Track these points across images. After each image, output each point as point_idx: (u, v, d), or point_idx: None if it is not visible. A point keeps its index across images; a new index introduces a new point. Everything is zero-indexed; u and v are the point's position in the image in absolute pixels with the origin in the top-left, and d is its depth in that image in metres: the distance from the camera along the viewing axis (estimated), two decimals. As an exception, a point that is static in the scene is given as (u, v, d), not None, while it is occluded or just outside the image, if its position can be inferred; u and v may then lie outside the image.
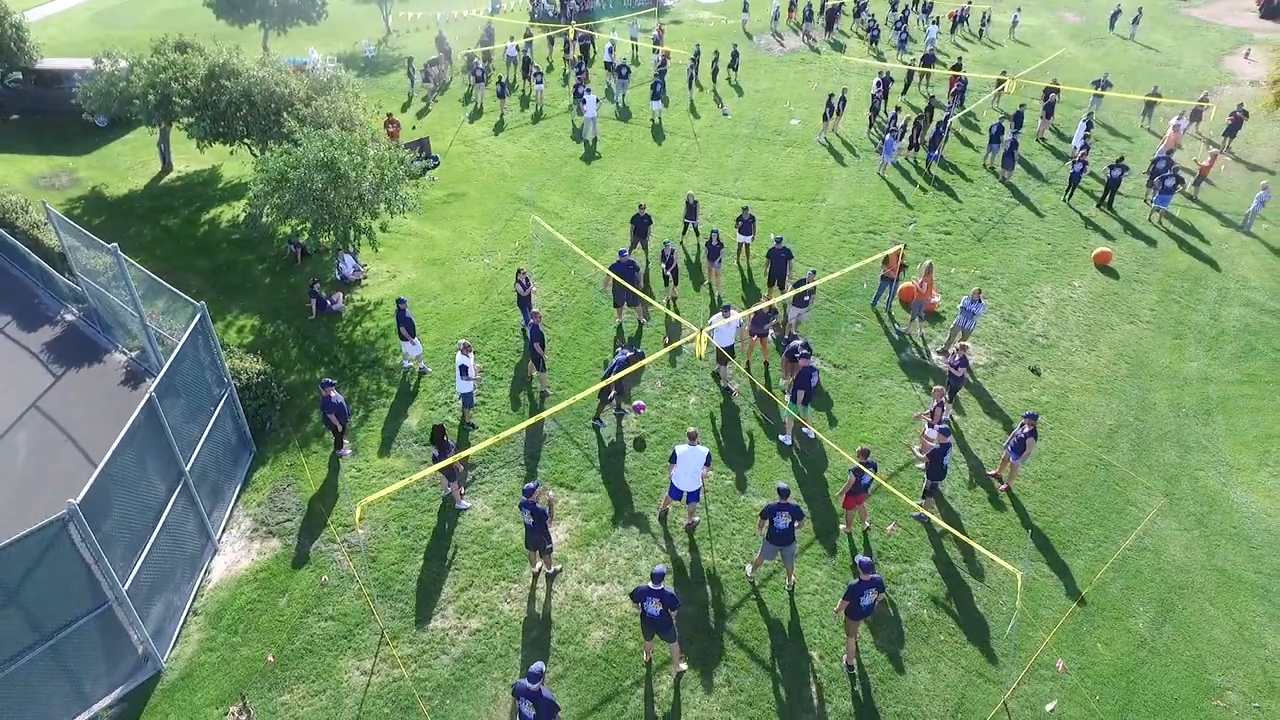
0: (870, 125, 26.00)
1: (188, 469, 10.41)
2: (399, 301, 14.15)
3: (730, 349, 14.21)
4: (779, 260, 16.52)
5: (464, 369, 12.94)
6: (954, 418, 13.85)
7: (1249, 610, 10.78)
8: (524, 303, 15.48)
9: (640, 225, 17.71)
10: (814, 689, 9.69)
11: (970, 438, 13.67)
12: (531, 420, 12.23)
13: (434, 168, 23.42)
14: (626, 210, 20.87)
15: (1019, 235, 20.09)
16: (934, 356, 15.67)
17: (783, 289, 16.48)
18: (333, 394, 12.26)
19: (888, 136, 23.01)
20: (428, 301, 17.04)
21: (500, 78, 28.25)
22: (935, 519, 11.63)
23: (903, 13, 37.71)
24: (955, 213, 21.07)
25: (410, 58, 30.06)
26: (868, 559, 9.32)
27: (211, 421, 11.39)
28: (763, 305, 14.72)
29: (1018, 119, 24.08)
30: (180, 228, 20.08)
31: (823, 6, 38.41)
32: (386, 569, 11.03)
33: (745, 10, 38.00)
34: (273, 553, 11.25)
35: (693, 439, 10.96)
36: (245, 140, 20.06)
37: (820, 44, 35.72)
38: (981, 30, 36.22)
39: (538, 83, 28.25)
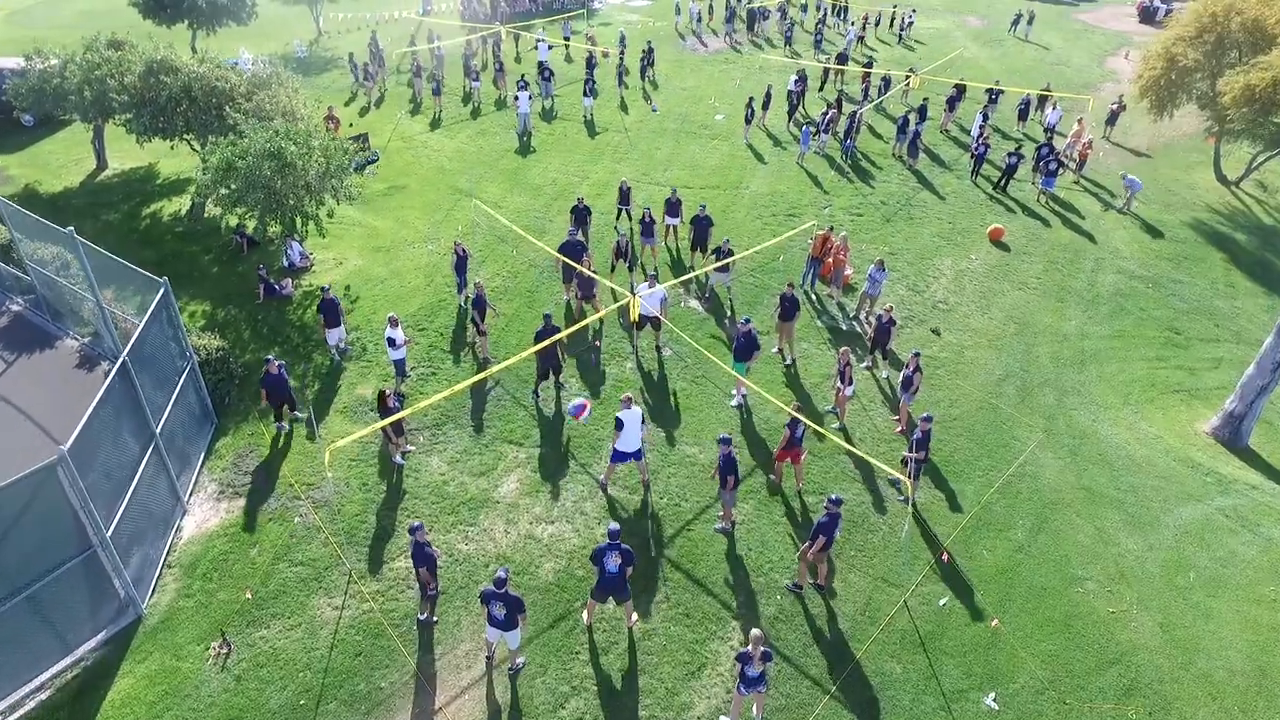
0: (789, 119, 27.69)
1: (158, 430, 11.09)
2: (323, 289, 14.93)
3: (656, 317, 15.35)
4: (701, 227, 18.13)
5: (391, 341, 13.94)
6: (880, 368, 15.54)
7: (1108, 518, 12.59)
8: (460, 265, 16.45)
9: (580, 215, 18.80)
10: (742, 598, 11.00)
11: (880, 388, 15.28)
12: (475, 378, 13.31)
13: (374, 162, 24.09)
14: (563, 199, 22.01)
15: (923, 216, 21.99)
16: (851, 323, 17.30)
17: (704, 253, 18.27)
18: (276, 368, 12.91)
19: (805, 127, 24.72)
20: (375, 285, 17.84)
21: (434, 75, 28.99)
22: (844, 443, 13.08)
23: (820, 16, 39.87)
24: (866, 197, 22.87)
25: (351, 53, 30.56)
26: (837, 497, 10.45)
27: (177, 390, 12.06)
28: (690, 275, 16.05)
29: (922, 112, 26.12)
30: (121, 222, 20.31)
31: (745, 11, 40.25)
32: (350, 520, 11.91)
33: (678, 12, 39.54)
34: (240, 510, 12.00)
35: (628, 403, 12.04)
36: (186, 135, 20.42)
37: (743, 44, 37.52)
38: (901, 34, 38.63)
39: (474, 81, 29.12)
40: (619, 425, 11.90)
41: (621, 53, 31.42)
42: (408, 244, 19.67)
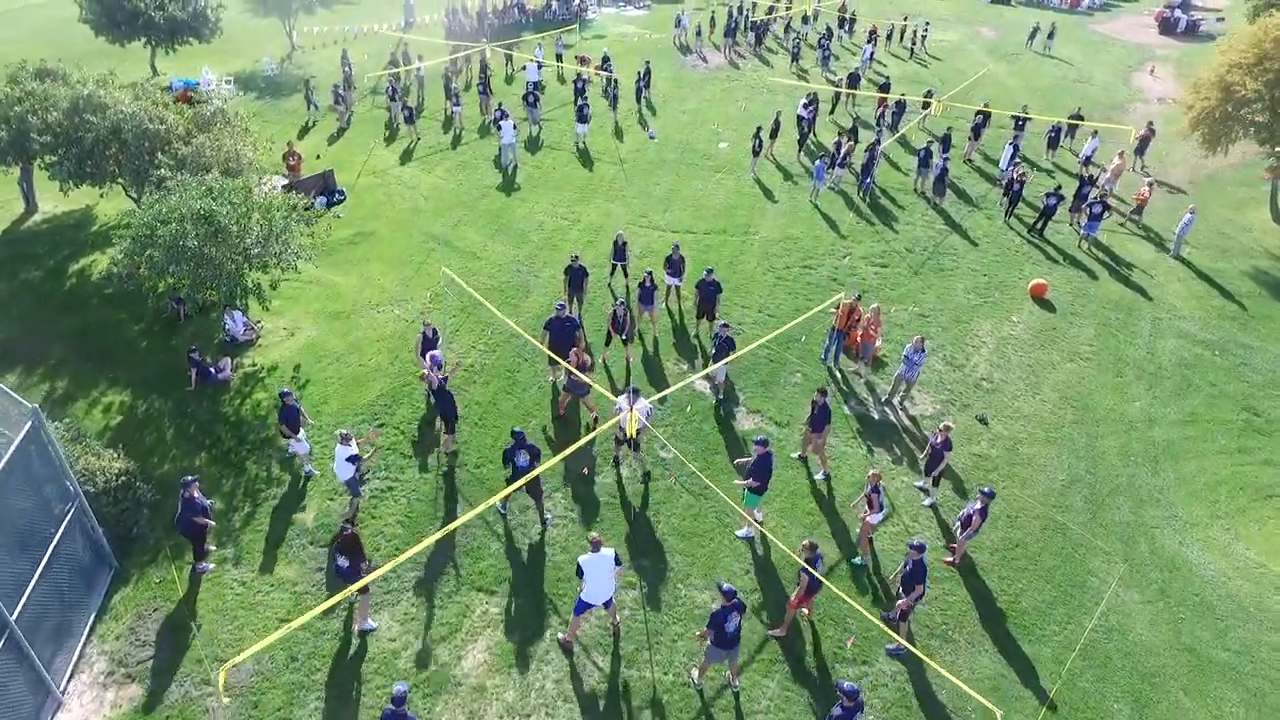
0: (800, 149, 24.99)
1: (14, 618, 8.43)
2: (283, 395, 12.04)
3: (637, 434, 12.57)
4: (708, 293, 15.52)
5: (348, 459, 11.21)
6: (936, 499, 12.85)
7: (1225, 698, 10.00)
8: (428, 347, 13.69)
9: (575, 278, 16.05)
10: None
11: (938, 519, 12.66)
12: (441, 533, 10.67)
13: (340, 203, 21.36)
14: (550, 248, 19.35)
15: (955, 266, 19.37)
16: (883, 409, 14.67)
17: (710, 320, 15.79)
18: (195, 494, 10.37)
19: (819, 161, 22.07)
20: (329, 364, 15.15)
21: (407, 102, 26.13)
22: (911, 648, 9.92)
23: (826, 29, 37.12)
24: (890, 243, 20.24)
25: (308, 79, 27.73)
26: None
27: (51, 548, 9.38)
28: (710, 370, 13.39)
29: (945, 142, 23.51)
30: (43, 280, 17.58)
31: (749, 23, 37.52)
32: (271, 717, 9.25)
33: (678, 24, 36.70)
34: (130, 704, 9.32)
35: (596, 546, 9.52)
36: (118, 180, 17.71)
37: (745, 59, 34.78)
38: (913, 48, 35.90)
39: (455, 105, 26.36)
40: (579, 573, 9.46)
41: (607, 73, 28.62)
42: (372, 307, 16.98)
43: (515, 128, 23.56)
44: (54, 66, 19.20)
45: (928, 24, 37.69)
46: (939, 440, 12.00)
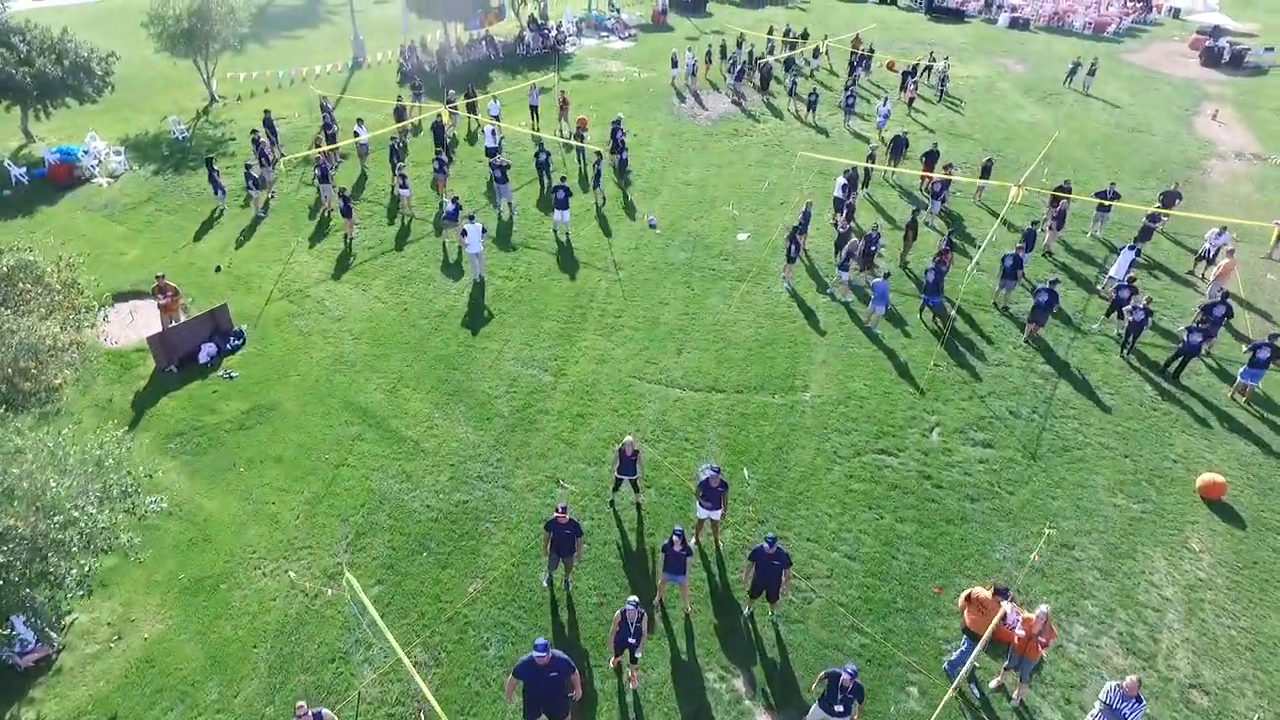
0: (839, 249, 18.62)
1: None
2: None
3: None
4: (769, 570, 9.72)
5: None
6: None
7: None
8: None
9: (562, 540, 10.12)
10: None
11: None
12: None
13: (236, 351, 15.26)
14: (525, 428, 13.47)
15: (1081, 441, 13.73)
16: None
17: (773, 601, 10.09)
18: None
19: (880, 281, 16.22)
20: (178, 698, 9.15)
21: (344, 191, 19.85)
22: None
23: (852, 76, 30.92)
24: (985, 401, 14.56)
25: (210, 157, 21.40)
26: None
27: None
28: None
29: (1029, 240, 17.89)
30: None
31: (754, 60, 31.64)
32: None
33: (675, 65, 30.45)
34: None
35: None
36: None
37: (751, 103, 28.92)
38: (941, 90, 30.17)
39: (402, 187, 20.22)
40: None
41: (580, 144, 22.74)
42: (255, 565, 10.98)
43: (485, 231, 17.48)
44: None
45: (947, 59, 31.94)
46: None
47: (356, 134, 22.29)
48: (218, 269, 17.83)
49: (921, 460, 13.10)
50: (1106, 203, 19.54)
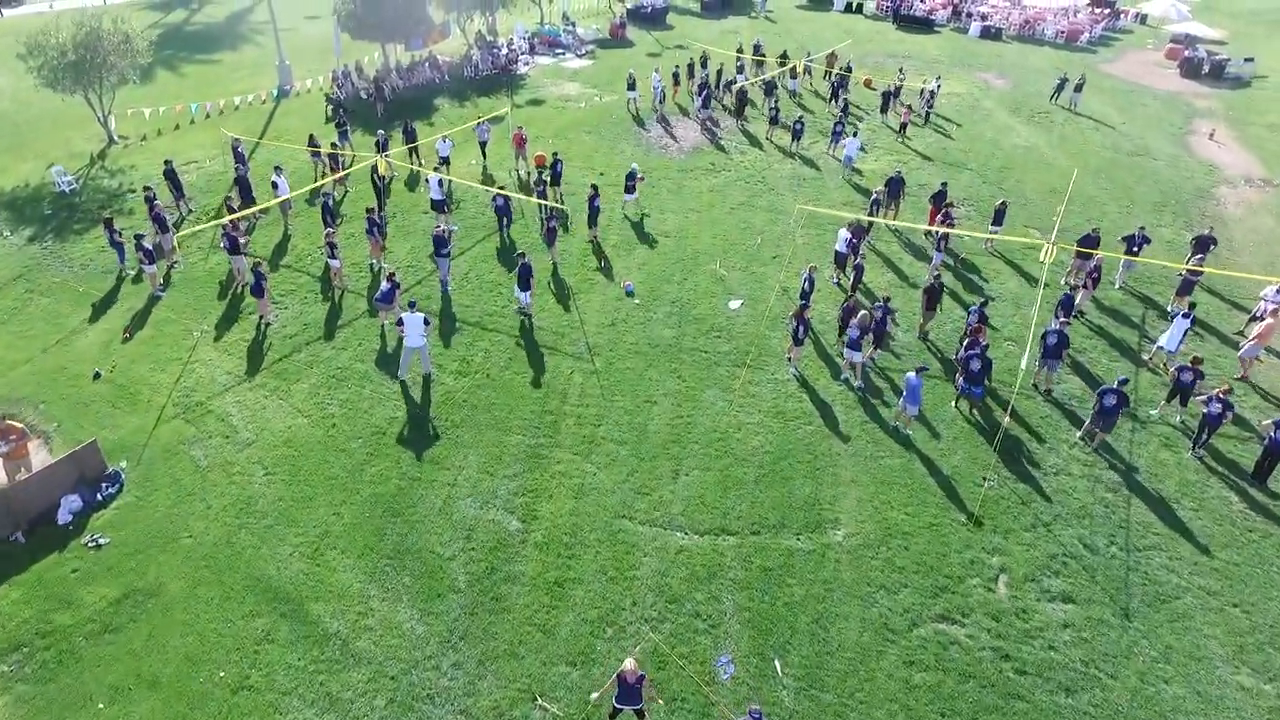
0: (844, 322, 15.17)
1: None
2: None
3: None
4: None
5: None
6: None
7: None
8: None
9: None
10: None
11: None
12: None
13: (109, 502, 11.64)
14: (484, 609, 10.26)
15: (1177, 585, 11.03)
16: None
17: None
18: None
19: (914, 376, 13.26)
20: None
21: (257, 263, 16.05)
22: None
23: (837, 95, 28.04)
24: (1051, 531, 11.76)
25: (108, 217, 17.51)
26: None
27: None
28: None
29: (1067, 307, 15.23)
30: None
31: (724, 83, 28.60)
32: None
33: (632, 87, 27.08)
34: None
35: None
36: None
37: (726, 133, 25.88)
38: (928, 112, 27.47)
39: (331, 257, 16.58)
40: None
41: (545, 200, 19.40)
42: None
43: (428, 322, 14.03)
44: None
45: (938, 79, 29.37)
46: None
47: (275, 185, 18.54)
48: (96, 375, 14.10)
49: (993, 630, 10.23)
50: (1137, 258, 17.04)
